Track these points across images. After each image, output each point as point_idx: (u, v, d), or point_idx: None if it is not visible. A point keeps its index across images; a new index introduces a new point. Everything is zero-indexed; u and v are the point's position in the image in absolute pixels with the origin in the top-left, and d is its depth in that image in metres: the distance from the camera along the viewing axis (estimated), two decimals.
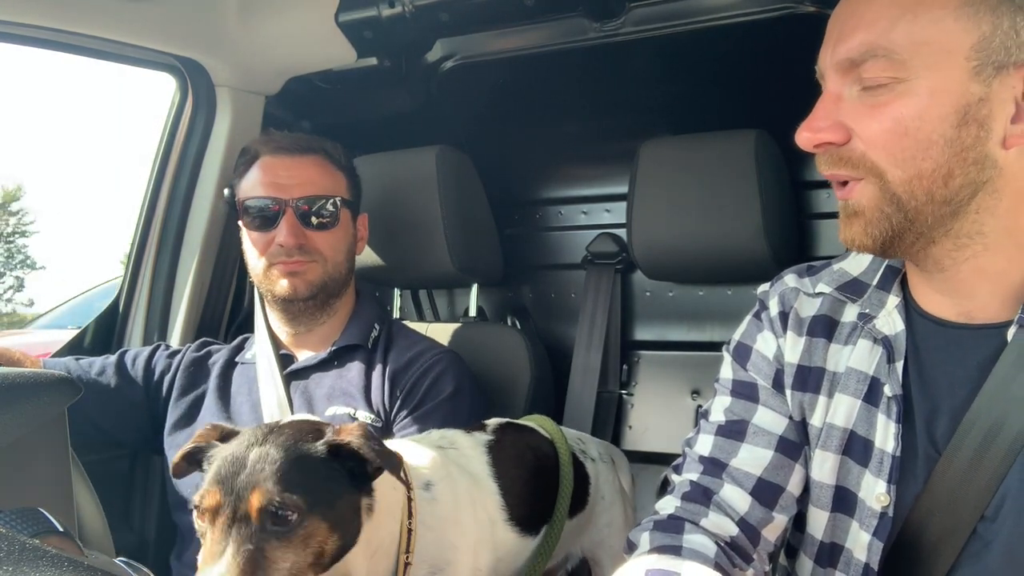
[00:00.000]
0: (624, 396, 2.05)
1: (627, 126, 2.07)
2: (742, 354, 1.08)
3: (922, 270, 0.94)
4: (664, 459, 1.95)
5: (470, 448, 1.26)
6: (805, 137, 0.90)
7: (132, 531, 1.82)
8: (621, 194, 1.90)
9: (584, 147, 2.21)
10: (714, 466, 1.02)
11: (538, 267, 2.27)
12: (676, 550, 0.92)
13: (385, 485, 1.02)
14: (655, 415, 2.01)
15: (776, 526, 1.00)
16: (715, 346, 2.03)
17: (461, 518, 1.14)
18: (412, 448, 1.18)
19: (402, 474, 1.00)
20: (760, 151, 1.66)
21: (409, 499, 1.07)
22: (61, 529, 0.68)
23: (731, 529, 0.97)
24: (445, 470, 1.16)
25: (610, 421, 2.00)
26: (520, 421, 1.45)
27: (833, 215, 1.91)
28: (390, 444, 1.26)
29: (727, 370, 1.09)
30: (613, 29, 1.73)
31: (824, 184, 1.91)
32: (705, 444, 1.04)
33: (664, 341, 2.08)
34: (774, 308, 1.06)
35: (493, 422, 1.38)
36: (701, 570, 0.86)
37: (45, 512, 0.68)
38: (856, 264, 1.04)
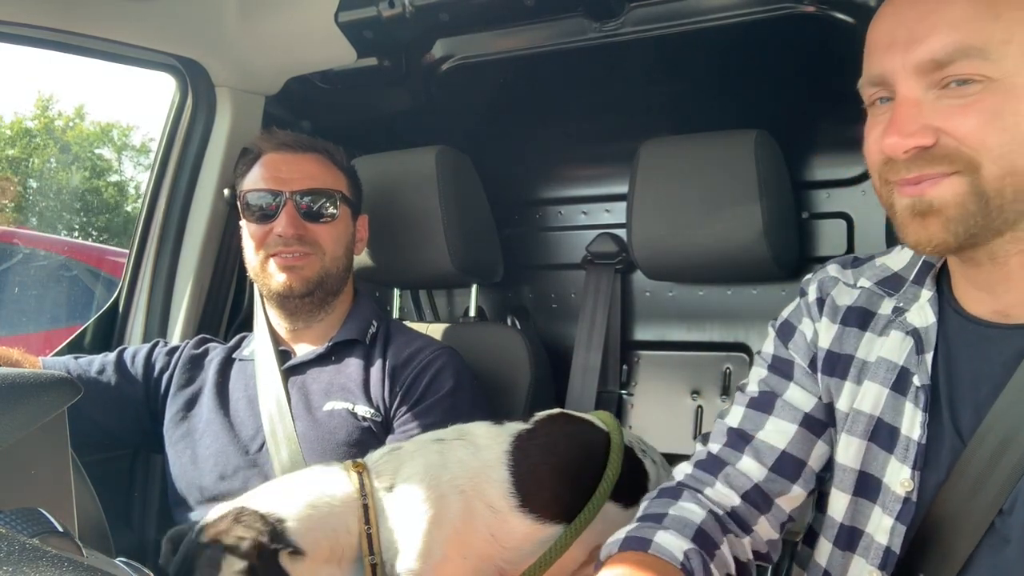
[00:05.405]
0: (624, 396, 2.05)
1: (627, 126, 2.07)
2: (786, 332, 1.12)
3: (968, 265, 0.94)
4: (664, 459, 1.95)
5: (489, 438, 1.25)
6: (894, 142, 0.86)
7: (132, 531, 1.82)
8: (621, 194, 1.90)
9: (584, 147, 2.21)
10: (739, 438, 1.07)
11: (538, 267, 2.27)
12: (659, 518, 0.99)
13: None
14: (655, 415, 2.01)
15: (793, 497, 1.06)
16: (715, 346, 2.05)
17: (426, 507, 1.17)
18: (394, 455, 1.23)
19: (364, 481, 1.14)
20: (760, 151, 1.66)
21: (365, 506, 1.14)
22: (61, 529, 0.68)
23: (734, 500, 1.04)
24: (412, 468, 1.20)
25: None
26: (581, 414, 1.41)
27: (833, 215, 1.92)
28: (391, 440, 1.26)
29: (769, 345, 1.13)
30: (613, 29, 1.73)
31: (824, 184, 1.91)
32: (735, 416, 1.10)
33: (664, 341, 2.08)
34: (812, 294, 1.10)
35: (543, 413, 1.35)
36: (671, 539, 0.94)
37: (45, 512, 0.68)
38: (898, 259, 1.06)
